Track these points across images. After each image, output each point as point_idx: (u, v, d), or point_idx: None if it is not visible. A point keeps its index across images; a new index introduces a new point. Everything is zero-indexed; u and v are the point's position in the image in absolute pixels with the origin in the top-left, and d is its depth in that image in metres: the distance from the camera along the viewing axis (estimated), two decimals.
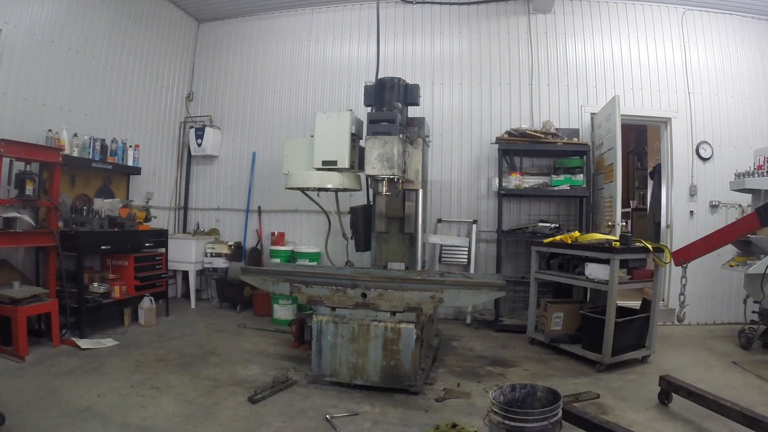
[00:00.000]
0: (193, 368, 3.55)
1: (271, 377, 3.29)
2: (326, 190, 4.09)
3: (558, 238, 4.24)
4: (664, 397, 3.04)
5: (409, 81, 4.06)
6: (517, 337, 4.66)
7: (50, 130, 4.36)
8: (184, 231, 6.38)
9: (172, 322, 4.94)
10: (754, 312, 4.41)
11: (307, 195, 4.45)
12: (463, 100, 5.78)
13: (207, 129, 6.21)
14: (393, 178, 3.72)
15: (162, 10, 5.97)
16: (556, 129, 5.24)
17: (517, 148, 5.18)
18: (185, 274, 5.89)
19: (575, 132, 5.44)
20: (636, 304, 4.30)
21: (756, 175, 4.41)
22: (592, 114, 5.50)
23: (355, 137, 4.01)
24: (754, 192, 4.54)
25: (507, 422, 2.12)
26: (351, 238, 4.71)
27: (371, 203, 4.44)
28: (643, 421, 2.81)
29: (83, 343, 3.91)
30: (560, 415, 2.23)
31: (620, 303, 3.93)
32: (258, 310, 5.44)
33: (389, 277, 3.37)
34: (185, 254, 5.66)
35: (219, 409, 2.84)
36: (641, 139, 8.46)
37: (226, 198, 6.41)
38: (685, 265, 3.15)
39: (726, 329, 5.10)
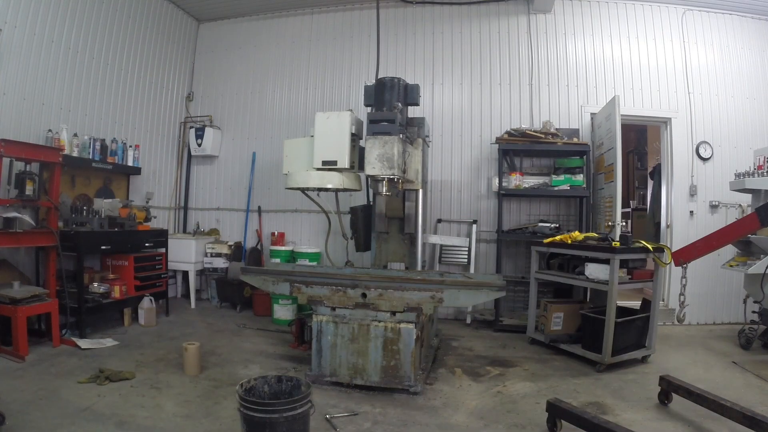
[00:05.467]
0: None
1: None
2: (326, 190, 4.09)
3: (558, 238, 4.24)
4: (664, 397, 3.04)
5: (409, 81, 4.06)
6: (517, 337, 4.66)
7: (50, 130, 4.36)
8: (184, 231, 6.38)
9: (172, 322, 4.94)
10: (754, 312, 4.41)
11: (307, 195, 4.46)
12: (463, 100, 5.78)
13: (207, 129, 6.21)
14: (393, 178, 3.72)
15: (162, 10, 5.97)
16: (556, 129, 5.24)
17: (517, 148, 5.18)
18: (185, 274, 5.89)
19: (575, 132, 5.44)
20: (636, 304, 4.30)
21: (756, 175, 4.41)
22: (592, 114, 5.50)
23: (355, 137, 4.01)
24: (754, 192, 4.54)
25: (250, 413, 2.15)
26: (351, 238, 4.72)
27: (371, 203, 4.44)
28: (642, 421, 2.81)
29: (83, 343, 3.91)
30: (308, 407, 2.24)
31: (620, 303, 3.93)
32: (258, 310, 5.44)
33: (389, 277, 3.38)
34: (185, 254, 5.66)
35: (219, 409, 2.85)
36: (641, 139, 8.46)
37: (226, 198, 6.41)
38: (685, 266, 3.15)
39: (726, 329, 5.10)
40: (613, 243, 3.83)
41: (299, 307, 5.04)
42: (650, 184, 7.25)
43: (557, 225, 5.12)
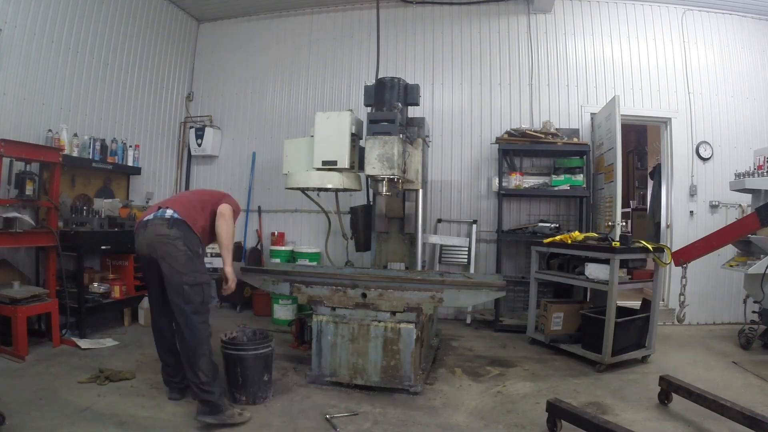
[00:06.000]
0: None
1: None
2: (326, 190, 4.08)
3: (558, 238, 4.24)
4: (664, 397, 3.04)
5: (409, 81, 4.06)
6: (517, 337, 4.66)
7: (50, 130, 4.36)
8: None
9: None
10: (754, 312, 4.41)
11: (307, 195, 4.45)
12: (463, 100, 5.78)
13: (207, 129, 6.21)
14: (393, 178, 3.72)
15: (162, 10, 5.97)
16: (556, 129, 5.24)
17: (517, 148, 5.18)
18: None
19: (575, 132, 5.44)
20: (636, 304, 4.30)
21: (756, 175, 4.41)
22: (592, 114, 5.50)
23: (355, 137, 4.01)
24: (754, 192, 4.54)
25: (229, 351, 2.94)
26: (351, 238, 4.72)
27: (371, 203, 4.44)
28: (642, 421, 2.81)
29: (83, 343, 3.91)
30: (269, 349, 3.02)
31: (620, 303, 3.93)
32: (258, 310, 5.44)
33: (389, 277, 3.38)
34: None
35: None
36: (641, 139, 8.46)
37: None
38: (685, 266, 3.15)
39: (726, 329, 5.10)
40: (613, 243, 3.83)
41: (299, 307, 5.04)
42: (650, 184, 7.25)
43: (557, 225, 5.12)
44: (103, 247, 4.46)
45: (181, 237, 2.72)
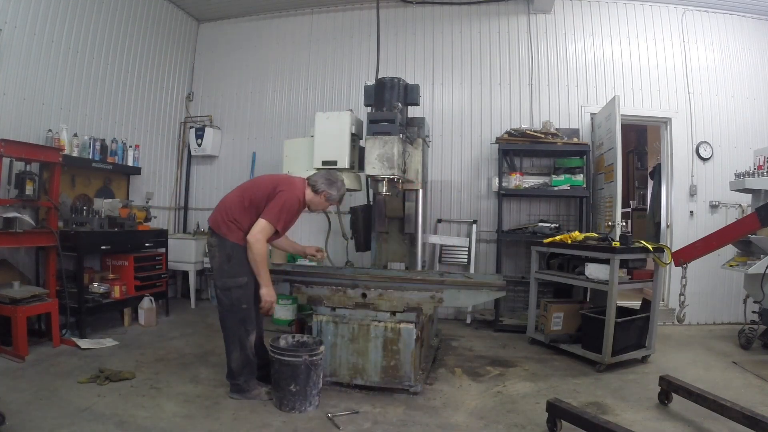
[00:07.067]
0: (193, 368, 3.55)
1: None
2: None
3: (558, 238, 4.24)
4: (664, 397, 3.04)
5: (409, 81, 4.06)
6: (517, 337, 4.66)
7: (50, 130, 4.36)
8: (184, 231, 6.37)
9: (172, 322, 4.94)
10: (754, 312, 4.41)
11: None
12: (463, 100, 5.78)
13: (207, 129, 6.21)
14: (393, 178, 3.71)
15: (162, 10, 5.97)
16: (556, 129, 5.24)
17: (517, 148, 5.18)
18: (185, 274, 5.88)
19: (575, 132, 5.44)
20: (636, 304, 4.30)
21: (756, 175, 4.41)
22: (592, 114, 5.50)
23: (355, 137, 4.00)
24: (754, 192, 4.54)
25: (277, 356, 2.89)
26: (351, 238, 4.71)
27: (371, 203, 4.43)
28: (642, 421, 2.81)
29: (83, 343, 3.91)
30: (306, 358, 2.85)
31: (620, 303, 3.93)
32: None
33: (389, 277, 3.37)
34: (185, 254, 5.65)
35: (219, 409, 2.84)
36: (641, 139, 8.46)
37: None
38: (685, 266, 3.15)
39: (726, 329, 5.10)
40: (613, 243, 3.83)
41: (299, 307, 5.04)
42: (650, 184, 7.25)
43: (557, 225, 5.12)
44: (103, 247, 4.46)
45: None
